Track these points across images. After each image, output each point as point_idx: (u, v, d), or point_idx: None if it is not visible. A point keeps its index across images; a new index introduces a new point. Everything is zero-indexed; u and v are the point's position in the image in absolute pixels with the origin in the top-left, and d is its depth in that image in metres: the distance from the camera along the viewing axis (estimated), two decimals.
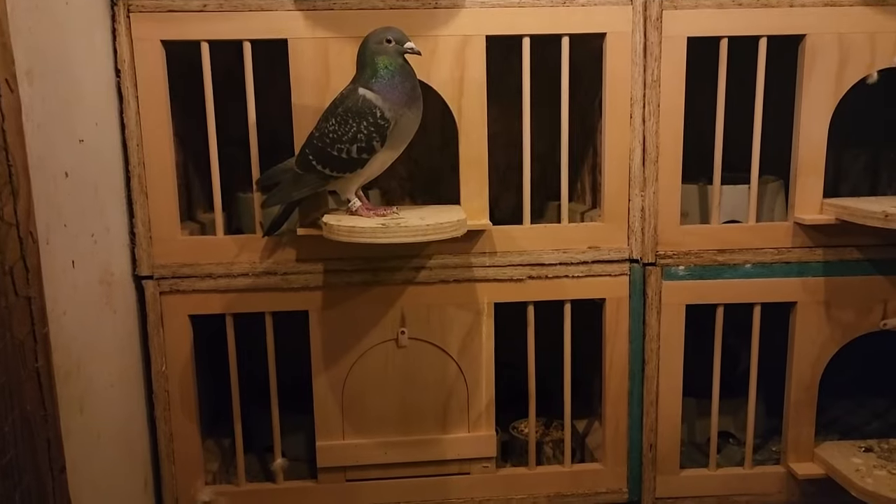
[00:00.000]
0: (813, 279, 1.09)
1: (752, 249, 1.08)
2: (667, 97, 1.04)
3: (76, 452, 0.83)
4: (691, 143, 1.07)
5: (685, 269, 1.08)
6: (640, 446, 1.13)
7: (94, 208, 0.92)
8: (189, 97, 1.08)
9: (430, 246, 1.06)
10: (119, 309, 0.99)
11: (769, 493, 1.14)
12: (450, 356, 1.09)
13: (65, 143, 0.84)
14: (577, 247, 1.08)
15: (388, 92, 0.92)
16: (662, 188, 1.06)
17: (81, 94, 0.89)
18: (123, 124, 1.00)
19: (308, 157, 0.95)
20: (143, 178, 1.01)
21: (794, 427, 1.12)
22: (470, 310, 1.08)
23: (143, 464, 1.05)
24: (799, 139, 1.06)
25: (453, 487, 1.12)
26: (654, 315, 1.09)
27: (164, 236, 1.03)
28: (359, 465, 1.10)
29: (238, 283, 1.05)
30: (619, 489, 1.14)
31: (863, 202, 1.05)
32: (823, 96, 1.04)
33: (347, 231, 0.91)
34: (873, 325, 1.10)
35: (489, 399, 1.11)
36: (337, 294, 1.06)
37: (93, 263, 0.91)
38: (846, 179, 1.40)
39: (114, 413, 0.96)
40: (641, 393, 1.11)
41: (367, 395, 1.09)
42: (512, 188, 1.38)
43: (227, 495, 1.10)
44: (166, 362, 1.06)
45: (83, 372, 0.86)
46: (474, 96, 1.02)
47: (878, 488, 1.01)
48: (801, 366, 1.10)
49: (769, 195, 1.16)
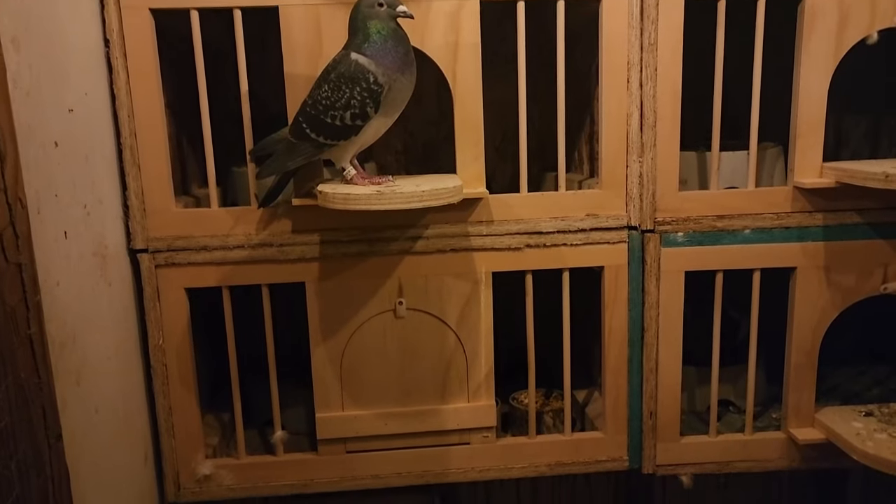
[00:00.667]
0: (813, 244, 1.08)
1: (751, 215, 1.07)
2: (664, 61, 1.03)
3: (73, 424, 0.83)
4: (690, 110, 1.06)
5: (684, 235, 1.08)
6: (641, 414, 1.12)
7: (86, 179, 0.91)
8: (183, 72, 1.06)
9: (427, 215, 1.05)
10: (114, 282, 0.98)
11: (770, 459, 1.14)
12: (448, 326, 1.08)
13: (54, 111, 0.83)
14: (574, 214, 1.07)
15: (381, 57, 0.91)
16: (660, 154, 1.05)
17: (69, 63, 0.88)
18: (113, 95, 0.98)
19: (301, 125, 0.94)
20: (135, 150, 1.00)
21: (794, 392, 1.12)
22: (468, 279, 1.07)
23: (142, 437, 1.05)
24: (798, 101, 1.04)
25: (454, 457, 1.12)
26: (654, 282, 1.08)
27: (159, 209, 1.02)
28: (359, 437, 1.10)
29: (234, 255, 1.04)
30: (620, 457, 1.14)
31: (863, 164, 1.04)
32: (823, 57, 1.03)
33: (343, 199, 0.90)
34: (874, 290, 1.10)
35: (488, 369, 1.10)
36: (334, 265, 1.05)
37: (86, 235, 0.90)
38: (847, 145, 1.39)
39: (111, 386, 0.96)
40: (641, 361, 1.11)
41: (366, 366, 1.09)
42: (508, 160, 1.37)
43: (227, 468, 1.10)
44: (163, 336, 1.05)
45: (78, 344, 0.86)
46: (469, 61, 1.01)
47: (879, 451, 1.01)
48: (801, 331, 1.10)
49: (768, 161, 1.15)
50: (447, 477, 1.12)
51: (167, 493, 1.09)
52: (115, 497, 0.95)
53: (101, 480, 0.90)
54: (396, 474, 1.12)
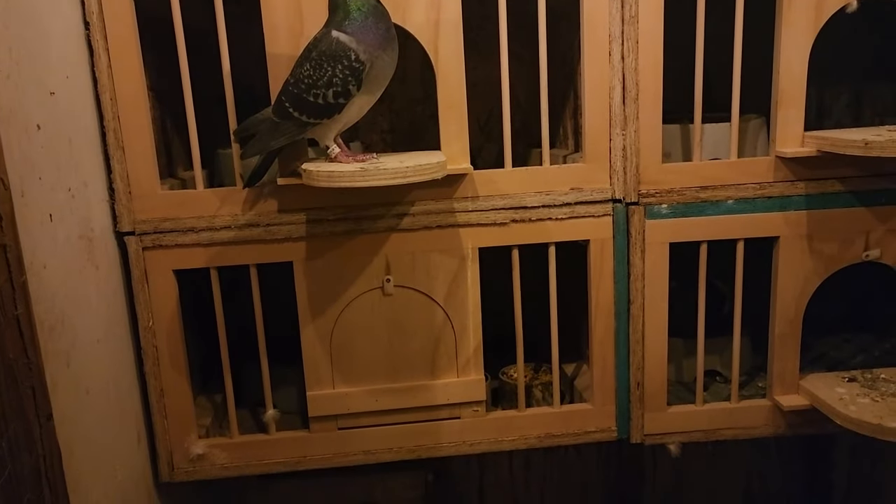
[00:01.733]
0: (795, 213, 1.09)
1: (734, 185, 1.08)
2: (645, 33, 1.03)
3: (64, 405, 0.83)
4: (673, 83, 1.06)
5: (668, 207, 1.09)
6: (628, 385, 1.14)
7: (70, 162, 0.91)
8: (165, 53, 1.06)
9: (412, 192, 1.05)
10: (101, 265, 0.98)
11: (755, 426, 1.16)
12: (436, 302, 1.09)
13: (35, 94, 0.83)
14: (559, 188, 1.08)
15: (362, 34, 0.90)
16: (643, 126, 1.06)
17: (50, 46, 0.88)
18: (95, 77, 0.98)
19: (284, 104, 0.94)
20: (118, 133, 1.00)
21: (779, 360, 1.14)
22: (454, 255, 1.08)
23: (135, 418, 1.06)
24: (779, 71, 1.05)
25: (444, 432, 1.13)
26: (638, 254, 1.09)
27: (144, 191, 1.03)
28: (350, 413, 1.11)
29: (221, 236, 1.05)
30: (608, 427, 1.15)
31: (844, 133, 1.05)
32: (803, 26, 1.03)
33: (327, 176, 0.91)
34: (856, 257, 1.11)
35: (477, 344, 1.11)
36: (321, 244, 1.06)
37: (71, 218, 0.90)
38: (829, 116, 1.40)
39: (102, 368, 0.96)
40: (627, 332, 1.12)
41: (356, 343, 1.10)
42: (494, 139, 1.38)
43: (220, 447, 1.11)
44: (153, 318, 1.06)
45: (68, 326, 0.86)
46: (451, 38, 1.01)
47: (862, 415, 1.03)
48: (785, 299, 1.11)
49: (751, 132, 1.16)
50: (438, 451, 1.14)
51: (161, 472, 1.10)
52: (110, 476, 0.96)
53: (95, 460, 0.91)
54: (388, 449, 1.13)
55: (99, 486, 0.92)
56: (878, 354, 1.33)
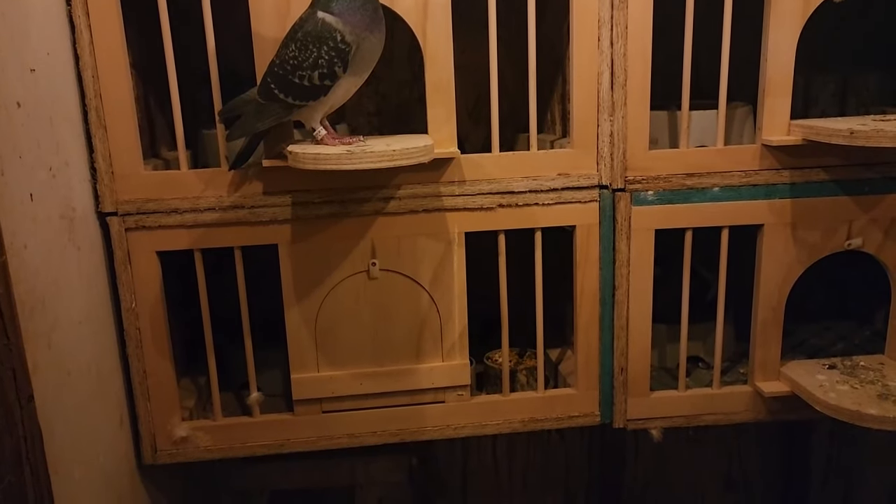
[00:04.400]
0: (780, 201, 1.10)
1: (720, 173, 1.09)
2: (634, 19, 1.03)
3: (45, 387, 0.82)
4: (661, 71, 1.06)
5: (654, 193, 1.09)
6: (612, 370, 1.15)
7: (51, 141, 0.89)
8: (148, 31, 1.04)
9: (399, 175, 1.05)
10: (83, 246, 0.97)
11: (736, 412, 1.17)
12: (422, 287, 1.09)
13: (15, 71, 0.81)
14: (546, 174, 1.07)
15: (349, 15, 0.89)
16: (631, 112, 1.06)
17: (30, 22, 0.86)
18: (77, 55, 0.97)
19: (270, 85, 0.93)
20: (100, 111, 0.99)
21: (760, 347, 1.15)
22: (441, 240, 1.08)
23: (117, 400, 1.05)
24: (767, 59, 1.05)
25: (429, 416, 1.14)
26: (624, 240, 1.09)
27: (127, 171, 1.01)
28: (334, 397, 1.11)
29: (205, 217, 1.04)
30: (592, 412, 1.16)
31: (829, 122, 1.05)
32: (791, 14, 1.03)
33: (313, 158, 0.90)
34: (838, 246, 1.12)
35: (462, 328, 1.11)
36: (306, 227, 1.05)
37: (52, 198, 0.89)
38: (815, 105, 1.41)
39: (84, 350, 0.95)
40: (612, 318, 1.13)
41: (341, 327, 1.09)
42: (482, 124, 1.37)
43: (204, 430, 1.11)
44: (136, 299, 1.05)
45: (49, 308, 0.85)
46: (439, 20, 1.00)
47: (841, 401, 1.04)
48: (768, 286, 1.12)
49: (738, 120, 1.16)
50: (423, 435, 1.14)
51: (144, 455, 1.10)
52: (92, 459, 0.95)
53: (77, 442, 0.91)
54: (372, 433, 1.13)
55: (80, 469, 0.91)
56: (857, 342, 1.34)
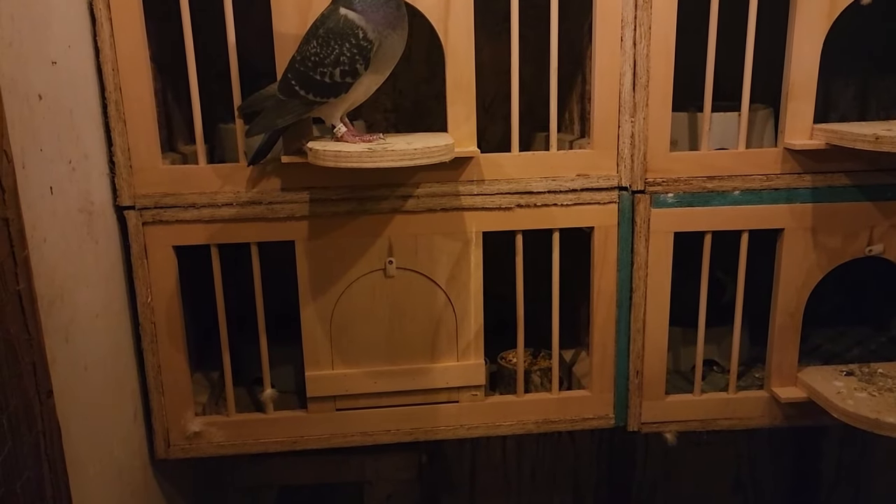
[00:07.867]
0: (801, 205, 1.09)
1: (740, 176, 1.08)
2: (658, 19, 1.02)
3: (63, 381, 0.82)
4: (683, 72, 1.05)
5: (674, 196, 1.08)
6: (627, 373, 1.14)
7: (71, 134, 0.89)
8: (169, 25, 1.04)
9: (417, 174, 1.04)
10: (101, 239, 0.97)
11: (752, 417, 1.17)
12: (438, 286, 1.09)
13: (37, 64, 0.81)
14: (565, 174, 1.07)
15: (371, 12, 0.89)
16: (652, 114, 1.05)
17: (51, 15, 0.86)
18: (97, 48, 0.96)
19: (290, 82, 0.92)
20: (120, 105, 0.98)
21: (778, 352, 1.14)
22: (458, 239, 1.07)
23: (131, 395, 1.05)
24: (791, 63, 1.04)
25: (442, 415, 1.13)
26: (643, 243, 1.09)
27: (145, 165, 1.01)
28: (348, 395, 1.11)
29: (222, 213, 1.03)
30: (606, 415, 1.16)
31: (853, 126, 1.04)
32: (816, 18, 1.02)
33: (333, 156, 0.89)
34: (859, 251, 1.11)
35: (478, 328, 1.11)
36: (323, 224, 1.05)
37: (72, 191, 0.89)
38: (835, 108, 1.39)
39: (100, 343, 0.95)
40: (629, 321, 1.12)
41: (356, 325, 1.09)
42: (498, 120, 1.36)
43: (217, 425, 1.11)
44: (152, 294, 1.04)
45: (67, 301, 0.85)
46: (462, 17, 0.99)
47: (859, 409, 1.04)
48: (786, 292, 1.11)
49: (759, 123, 1.15)
50: (436, 434, 1.14)
51: (157, 449, 1.10)
52: (107, 453, 0.95)
53: (92, 436, 0.90)
54: (385, 432, 1.13)
55: (95, 463, 0.91)
56: (874, 348, 1.33)
